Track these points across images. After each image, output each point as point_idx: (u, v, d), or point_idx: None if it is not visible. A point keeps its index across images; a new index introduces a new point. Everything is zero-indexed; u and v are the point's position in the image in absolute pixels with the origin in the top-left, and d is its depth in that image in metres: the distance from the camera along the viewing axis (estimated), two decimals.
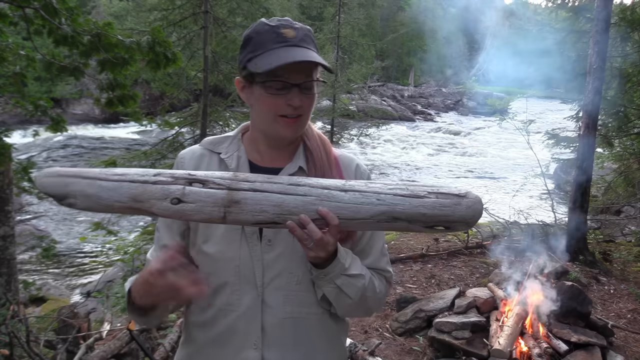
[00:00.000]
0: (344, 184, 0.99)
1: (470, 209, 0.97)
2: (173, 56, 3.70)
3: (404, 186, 0.99)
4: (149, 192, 0.96)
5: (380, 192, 0.97)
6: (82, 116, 22.51)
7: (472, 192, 0.98)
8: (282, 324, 1.13)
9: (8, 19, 3.57)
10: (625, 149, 7.25)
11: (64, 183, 0.97)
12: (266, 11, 8.50)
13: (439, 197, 0.96)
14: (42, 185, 0.98)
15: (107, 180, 0.97)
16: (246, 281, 1.12)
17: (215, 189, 0.96)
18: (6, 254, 4.89)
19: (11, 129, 5.45)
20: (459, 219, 0.96)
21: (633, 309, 4.45)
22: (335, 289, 1.10)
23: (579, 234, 5.48)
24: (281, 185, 0.98)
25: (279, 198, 0.96)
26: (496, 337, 3.32)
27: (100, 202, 0.97)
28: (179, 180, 0.97)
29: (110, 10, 24.68)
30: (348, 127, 12.82)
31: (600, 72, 5.31)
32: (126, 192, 0.96)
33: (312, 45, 1.09)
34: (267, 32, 1.08)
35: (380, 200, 0.96)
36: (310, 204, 0.96)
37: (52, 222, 10.59)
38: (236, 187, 0.96)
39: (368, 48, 16.39)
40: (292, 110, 1.08)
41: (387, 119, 23.99)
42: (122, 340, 3.53)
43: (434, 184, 0.99)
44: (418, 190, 0.97)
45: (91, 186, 0.97)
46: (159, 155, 7.65)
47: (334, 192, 0.97)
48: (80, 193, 0.97)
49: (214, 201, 0.96)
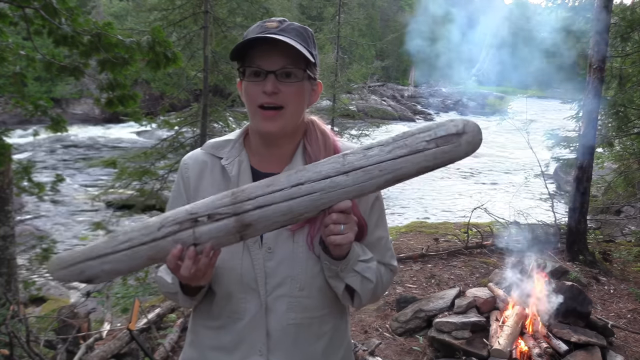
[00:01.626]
0: (343, 164, 0.96)
1: (471, 144, 0.96)
2: (173, 56, 3.69)
3: (402, 142, 0.96)
4: (163, 249, 0.96)
5: (380, 160, 0.95)
6: (82, 116, 22.50)
7: (469, 124, 0.96)
8: (286, 330, 1.13)
9: (8, 19, 3.56)
10: (625, 149, 7.26)
11: (79, 270, 0.98)
12: (266, 11, 8.50)
13: (438, 143, 0.95)
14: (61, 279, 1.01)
15: (116, 253, 0.97)
16: (250, 289, 1.13)
17: (223, 219, 0.95)
18: (6, 254, 4.89)
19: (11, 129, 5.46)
20: (462, 156, 0.97)
21: (633, 309, 4.45)
22: (358, 275, 1.11)
23: (578, 234, 5.48)
24: (284, 192, 0.96)
25: (286, 206, 0.95)
26: (496, 337, 3.32)
27: (121, 271, 0.99)
28: (184, 224, 0.96)
29: (110, 10, 24.67)
30: (348, 127, 12.82)
31: (600, 72, 5.31)
32: (142, 256, 0.97)
33: (295, 36, 1.07)
34: (254, 27, 1.10)
35: (383, 170, 0.95)
36: (317, 200, 0.96)
37: (52, 222, 10.58)
38: (242, 210, 0.95)
39: (368, 48, 16.39)
40: (267, 98, 1.06)
41: (387, 118, 24.00)
42: (122, 340, 3.53)
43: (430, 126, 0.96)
44: (416, 143, 0.95)
45: (104, 264, 0.98)
46: (159, 155, 7.66)
47: (336, 178, 0.96)
48: (100, 273, 0.99)
49: (227, 232, 0.96)
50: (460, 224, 7.28)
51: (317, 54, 1.15)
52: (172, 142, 7.89)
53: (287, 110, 1.08)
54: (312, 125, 1.20)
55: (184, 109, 9.27)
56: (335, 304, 1.20)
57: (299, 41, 1.07)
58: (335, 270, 1.10)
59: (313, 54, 1.10)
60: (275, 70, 1.06)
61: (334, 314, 1.21)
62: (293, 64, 1.06)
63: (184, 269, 0.96)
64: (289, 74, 1.07)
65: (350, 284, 1.11)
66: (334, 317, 1.20)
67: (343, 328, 1.24)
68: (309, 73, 1.10)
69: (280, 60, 1.06)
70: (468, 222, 6.09)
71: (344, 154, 0.98)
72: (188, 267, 0.96)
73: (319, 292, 1.15)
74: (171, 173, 7.85)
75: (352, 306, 1.21)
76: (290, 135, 1.15)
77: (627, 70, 6.78)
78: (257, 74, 1.07)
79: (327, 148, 1.16)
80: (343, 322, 1.24)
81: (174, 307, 4.26)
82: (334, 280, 1.13)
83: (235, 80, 1.21)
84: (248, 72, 1.08)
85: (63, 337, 3.64)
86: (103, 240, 1.00)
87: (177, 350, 3.64)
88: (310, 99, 1.15)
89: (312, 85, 1.15)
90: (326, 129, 1.22)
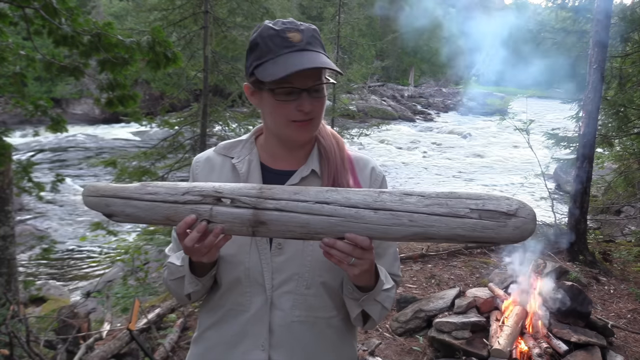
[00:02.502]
0: (375, 200, 0.92)
1: (519, 230, 0.86)
2: (173, 56, 3.70)
3: (444, 201, 0.90)
4: (180, 214, 0.99)
5: (414, 211, 0.90)
6: (82, 116, 22.51)
7: (524, 208, 0.87)
8: (290, 327, 1.14)
9: (8, 19, 3.57)
10: (625, 149, 7.25)
11: (105, 203, 1.03)
12: (266, 11, 8.50)
13: (482, 216, 0.87)
14: (88, 204, 1.06)
15: (141, 200, 1.01)
16: (255, 283, 1.13)
17: (242, 208, 0.96)
18: (6, 254, 4.89)
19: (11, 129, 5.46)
20: (504, 240, 0.88)
21: (633, 309, 4.45)
22: (378, 305, 1.12)
23: (579, 234, 5.48)
24: (307, 204, 0.94)
25: (304, 219, 0.94)
26: (496, 337, 3.32)
27: (139, 219, 1.03)
28: (207, 199, 0.98)
29: (110, 10, 24.67)
30: (348, 127, 12.82)
31: (600, 72, 5.31)
32: (160, 212, 1.00)
33: (319, 47, 1.08)
34: (273, 37, 1.06)
35: (413, 222, 0.89)
36: (337, 225, 0.93)
37: (52, 222, 10.58)
38: (262, 206, 0.95)
39: (368, 48, 16.37)
40: (303, 116, 1.07)
41: (387, 119, 24.00)
42: (122, 340, 3.53)
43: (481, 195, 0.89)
44: (459, 207, 0.88)
45: (128, 206, 1.02)
46: (159, 155, 7.66)
47: (362, 211, 0.92)
48: (121, 213, 1.03)
49: (241, 222, 0.97)
50: None
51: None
52: (172, 142, 7.89)
53: (317, 119, 1.11)
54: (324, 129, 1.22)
55: (184, 109, 9.28)
56: (342, 307, 1.20)
57: (323, 52, 1.08)
58: (357, 297, 1.10)
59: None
60: (308, 88, 1.06)
61: (341, 316, 1.20)
62: (321, 79, 1.08)
63: (189, 239, 0.98)
64: (318, 89, 1.08)
65: (369, 312, 1.12)
66: (341, 319, 1.20)
67: (349, 331, 1.24)
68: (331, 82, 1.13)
69: (312, 78, 1.06)
70: None
71: (380, 191, 0.95)
72: (193, 238, 0.98)
73: (325, 292, 1.15)
74: (171, 173, 7.85)
75: (362, 328, 1.21)
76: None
77: (627, 70, 6.78)
78: (290, 92, 1.06)
79: (341, 152, 1.18)
80: (350, 327, 1.24)
81: (174, 307, 4.26)
82: (351, 304, 1.13)
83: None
84: (280, 91, 1.06)
85: (63, 337, 3.65)
86: (135, 185, 1.04)
87: (177, 350, 3.64)
88: None
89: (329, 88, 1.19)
90: (339, 136, 1.24)
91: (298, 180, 1.14)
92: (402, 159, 18.29)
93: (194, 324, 4.07)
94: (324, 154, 1.17)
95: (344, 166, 1.16)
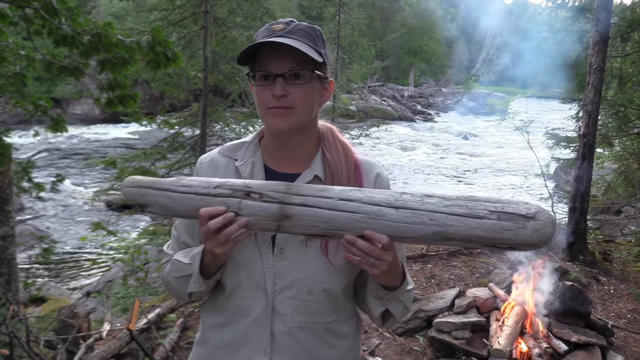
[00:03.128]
0: (397, 199, 0.95)
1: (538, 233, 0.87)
2: (173, 56, 3.69)
3: (464, 203, 0.92)
4: (211, 204, 1.03)
5: (434, 210, 0.92)
6: (82, 116, 22.51)
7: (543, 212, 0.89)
8: (292, 333, 1.13)
9: (8, 19, 3.56)
10: (625, 149, 7.25)
11: (141, 194, 1.09)
12: (266, 11, 8.49)
13: (501, 217, 0.88)
14: (126, 194, 1.11)
15: (176, 192, 1.06)
16: (257, 288, 1.13)
17: (269, 202, 1.00)
18: (6, 254, 4.89)
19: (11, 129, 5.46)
20: (524, 243, 0.89)
21: (633, 309, 4.45)
22: (401, 304, 1.14)
23: (578, 233, 5.48)
24: (331, 200, 0.98)
25: (328, 214, 0.97)
26: (496, 337, 3.32)
27: (172, 211, 1.08)
28: (237, 193, 1.03)
29: (110, 10, 24.67)
30: (348, 127, 12.81)
31: (600, 72, 5.31)
32: (191, 203, 1.05)
33: (302, 37, 1.07)
34: (262, 30, 1.11)
35: (433, 220, 0.92)
36: (358, 221, 0.96)
37: (52, 222, 10.58)
38: (288, 201, 0.99)
39: (368, 48, 16.39)
40: (276, 101, 1.07)
41: (387, 119, 23.99)
42: (122, 340, 3.52)
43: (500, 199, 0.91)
44: (478, 209, 0.90)
45: (163, 197, 1.07)
46: (159, 155, 7.65)
47: (384, 209, 0.95)
48: (155, 203, 1.08)
49: (267, 215, 1.00)
50: None
51: (327, 52, 1.14)
52: (172, 142, 7.88)
53: (298, 109, 1.09)
54: (332, 135, 1.21)
55: (184, 109, 9.27)
56: (345, 312, 1.20)
57: (307, 42, 1.07)
58: (382, 296, 1.11)
59: (322, 54, 1.10)
60: (283, 73, 1.06)
61: (342, 320, 1.20)
62: (301, 66, 1.06)
63: (213, 222, 1.00)
64: (297, 75, 1.07)
65: (392, 311, 1.13)
66: (342, 323, 1.20)
67: (352, 337, 1.24)
68: (319, 73, 1.11)
69: (287, 63, 1.06)
70: None
71: (402, 192, 0.98)
72: (217, 222, 0.99)
73: (327, 298, 1.15)
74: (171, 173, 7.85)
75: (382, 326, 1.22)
76: (304, 133, 1.15)
77: (627, 70, 6.78)
78: (266, 77, 1.08)
79: (348, 160, 1.17)
80: (353, 329, 1.24)
81: (174, 307, 4.26)
82: (375, 302, 1.14)
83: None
84: (257, 76, 1.09)
85: (63, 337, 3.64)
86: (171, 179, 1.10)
87: (177, 350, 3.64)
88: (321, 98, 1.16)
89: (323, 84, 1.15)
90: (346, 140, 1.22)
91: None
92: (402, 159, 18.29)
93: (194, 324, 4.07)
94: (328, 159, 1.16)
95: (350, 172, 1.15)
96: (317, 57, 1.06)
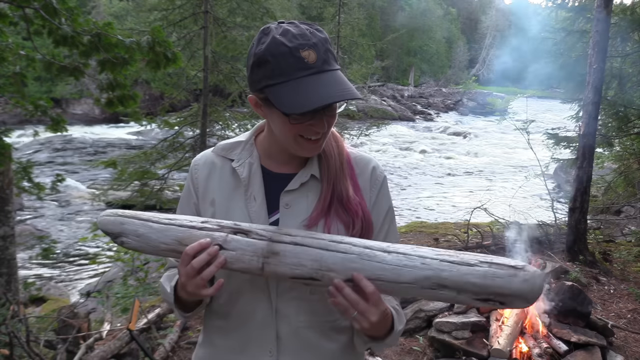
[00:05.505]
0: (389, 246, 0.97)
1: (528, 283, 0.89)
2: (173, 56, 3.70)
3: (454, 253, 0.94)
4: (193, 237, 1.00)
5: (426, 256, 0.93)
6: (82, 116, 22.52)
7: (530, 266, 0.91)
8: (297, 333, 1.13)
9: (8, 19, 3.56)
10: (625, 149, 7.25)
11: (120, 222, 1.05)
12: (266, 11, 8.49)
13: (491, 266, 0.90)
14: (101, 224, 1.07)
15: (158, 223, 1.03)
16: (260, 291, 1.12)
17: (257, 239, 0.99)
18: (6, 254, 4.89)
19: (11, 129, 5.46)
20: (515, 293, 0.89)
21: (633, 309, 4.45)
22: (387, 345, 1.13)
23: (578, 234, 5.47)
24: (322, 241, 0.98)
25: (318, 253, 0.96)
26: (496, 337, 3.32)
27: (149, 242, 1.04)
28: (224, 229, 1.01)
29: (110, 10, 24.67)
30: (348, 127, 12.82)
31: (600, 72, 5.31)
32: (173, 234, 1.02)
33: (333, 62, 1.03)
34: (286, 56, 0.98)
35: (426, 265, 0.92)
36: (350, 261, 0.95)
37: (52, 222, 10.58)
38: (278, 239, 0.98)
39: (368, 48, 16.36)
40: (316, 135, 1.05)
41: (387, 118, 24.00)
42: (122, 340, 3.53)
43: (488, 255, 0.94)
44: (469, 259, 0.92)
45: (143, 226, 1.04)
46: (159, 155, 7.66)
47: (377, 252, 0.95)
48: (133, 233, 1.04)
49: (253, 250, 0.98)
50: (460, 224, 7.29)
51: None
52: (172, 142, 7.89)
53: (327, 135, 1.09)
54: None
55: (184, 109, 9.26)
56: None
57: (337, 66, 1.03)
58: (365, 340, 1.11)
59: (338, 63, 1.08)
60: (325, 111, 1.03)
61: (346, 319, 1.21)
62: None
63: (197, 261, 0.97)
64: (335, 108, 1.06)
65: (375, 350, 1.13)
66: (346, 321, 1.19)
67: (352, 331, 1.23)
68: None
69: None
70: (468, 222, 6.08)
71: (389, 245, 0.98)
72: (201, 260, 0.97)
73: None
74: (171, 173, 7.85)
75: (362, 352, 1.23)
76: None
77: (627, 70, 6.78)
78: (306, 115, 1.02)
79: (340, 156, 1.16)
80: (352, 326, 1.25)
81: None
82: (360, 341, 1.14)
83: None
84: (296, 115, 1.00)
85: (63, 337, 3.64)
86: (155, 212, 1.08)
87: (177, 350, 3.64)
88: None
89: None
90: (339, 136, 1.21)
91: (297, 185, 1.12)
92: (402, 159, 18.30)
93: (194, 324, 4.07)
94: (324, 158, 1.15)
95: (343, 171, 1.14)
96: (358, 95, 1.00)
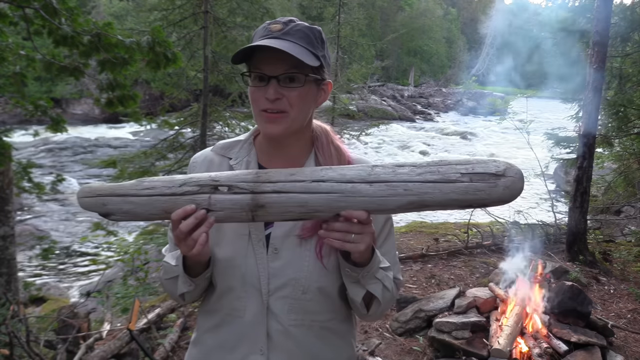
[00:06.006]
0: (369, 174, 0.95)
1: (508, 189, 0.91)
2: (173, 56, 3.70)
3: (435, 169, 0.93)
4: (178, 205, 0.99)
5: (408, 180, 0.93)
6: (82, 116, 22.53)
7: (511, 168, 0.91)
8: (288, 332, 1.13)
9: (8, 19, 3.57)
10: (625, 149, 7.25)
11: (102, 202, 1.03)
12: (266, 11, 8.49)
13: (473, 179, 0.91)
14: (84, 205, 1.05)
15: (139, 196, 1.01)
16: (251, 288, 1.12)
17: (240, 193, 0.97)
18: (6, 254, 4.89)
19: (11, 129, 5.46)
20: (496, 200, 0.92)
21: (633, 309, 4.45)
22: (379, 282, 1.11)
23: (578, 234, 5.48)
24: (304, 184, 0.96)
25: (302, 198, 0.96)
26: (496, 337, 3.32)
27: (137, 216, 1.03)
28: (204, 188, 0.99)
29: (110, 10, 24.68)
30: (348, 127, 12.82)
31: (600, 72, 5.31)
32: (158, 206, 1.01)
33: (299, 39, 1.05)
34: (260, 29, 1.09)
35: (408, 190, 0.93)
36: (335, 201, 0.95)
37: (52, 222, 10.59)
38: (259, 190, 0.97)
39: (368, 48, 16.37)
40: (270, 104, 1.05)
41: (387, 118, 24.01)
42: (122, 340, 3.53)
43: (470, 160, 0.93)
44: (450, 173, 0.92)
45: (125, 203, 1.02)
46: (159, 155, 7.66)
47: (358, 185, 0.94)
48: (118, 210, 1.02)
49: (240, 207, 0.98)
50: (460, 224, 7.29)
51: (326, 54, 1.12)
52: (172, 142, 7.89)
53: (291, 114, 1.07)
54: (326, 137, 1.19)
55: (184, 109, 9.25)
56: (340, 310, 1.20)
57: (303, 44, 1.05)
58: (356, 276, 1.08)
59: (320, 56, 1.08)
60: (277, 75, 1.04)
61: (339, 320, 1.20)
62: (295, 68, 1.05)
63: (185, 224, 0.97)
64: (292, 78, 1.06)
65: (372, 291, 1.11)
66: (338, 322, 1.20)
67: (347, 332, 1.24)
68: (314, 76, 1.08)
69: (282, 66, 1.04)
70: (468, 222, 6.09)
71: (373, 165, 0.97)
72: (189, 224, 0.97)
73: (322, 297, 1.14)
74: (171, 173, 7.84)
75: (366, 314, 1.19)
76: (298, 134, 1.14)
77: (627, 70, 6.78)
78: (261, 78, 1.06)
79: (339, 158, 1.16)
80: (348, 329, 1.24)
81: (174, 307, 4.26)
82: (354, 287, 1.12)
83: (235, 80, 1.22)
84: (253, 77, 1.08)
85: (63, 337, 3.64)
86: (131, 182, 1.04)
87: (177, 350, 3.64)
88: (317, 99, 1.14)
89: (320, 86, 1.13)
90: (340, 143, 1.21)
91: None
92: (401, 159, 18.30)
93: (194, 324, 4.08)
94: (323, 159, 1.15)
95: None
96: (312, 62, 1.04)
